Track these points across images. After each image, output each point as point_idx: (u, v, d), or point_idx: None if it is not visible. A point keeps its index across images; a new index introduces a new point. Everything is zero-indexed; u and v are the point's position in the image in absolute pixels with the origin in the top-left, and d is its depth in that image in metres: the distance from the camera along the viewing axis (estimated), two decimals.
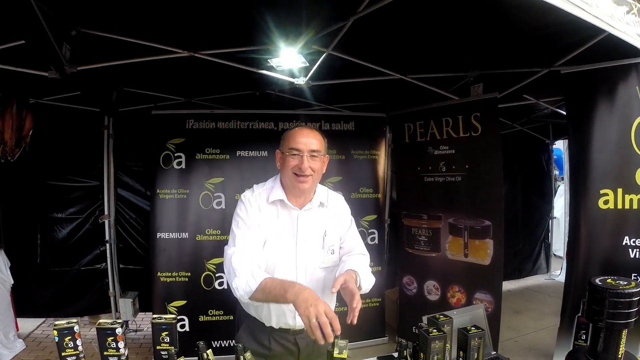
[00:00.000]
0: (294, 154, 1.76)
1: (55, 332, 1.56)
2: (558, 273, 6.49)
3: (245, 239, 1.76)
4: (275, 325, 1.86)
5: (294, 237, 1.83)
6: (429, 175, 4.00)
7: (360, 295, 1.65)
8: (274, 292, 1.59)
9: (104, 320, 1.64)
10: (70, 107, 4.36)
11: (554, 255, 6.66)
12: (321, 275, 1.87)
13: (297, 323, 1.83)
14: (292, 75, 3.47)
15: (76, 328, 1.58)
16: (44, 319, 4.90)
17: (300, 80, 3.46)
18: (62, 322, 1.58)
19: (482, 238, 3.62)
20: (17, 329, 4.36)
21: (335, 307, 1.96)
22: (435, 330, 1.56)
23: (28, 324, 4.71)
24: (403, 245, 4.28)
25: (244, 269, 1.67)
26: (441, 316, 1.65)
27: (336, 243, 1.94)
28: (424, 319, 1.67)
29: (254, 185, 1.91)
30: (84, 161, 4.68)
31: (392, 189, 4.86)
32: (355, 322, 1.57)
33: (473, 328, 1.56)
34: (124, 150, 4.69)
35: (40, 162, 4.52)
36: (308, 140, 1.77)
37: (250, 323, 1.93)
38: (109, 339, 1.60)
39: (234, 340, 2.01)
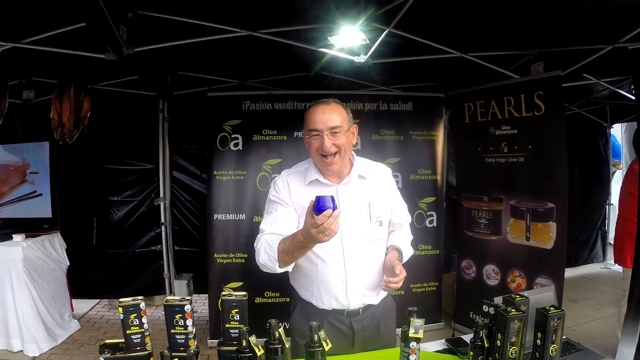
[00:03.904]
0: (314, 135, 1.73)
1: (121, 310, 1.50)
2: (614, 262, 6.24)
3: (266, 222, 1.81)
4: (327, 307, 1.81)
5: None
6: (490, 156, 3.87)
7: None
8: (291, 246, 1.60)
9: (172, 298, 1.56)
10: (126, 92, 4.42)
11: (610, 244, 6.39)
12: (369, 248, 1.81)
13: (350, 302, 1.79)
14: (352, 54, 3.40)
15: (142, 305, 1.51)
16: (98, 300, 5.03)
17: (361, 58, 3.38)
18: (127, 300, 1.52)
19: (545, 221, 3.49)
20: (72, 310, 4.47)
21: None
22: (514, 310, 1.47)
23: (82, 305, 4.83)
24: (462, 228, 4.17)
25: (262, 246, 1.70)
26: (517, 296, 1.56)
27: (384, 214, 1.86)
28: (496, 299, 1.60)
29: (283, 171, 1.94)
30: (139, 145, 4.77)
31: (447, 172, 4.75)
32: (385, 288, 1.72)
33: (552, 308, 1.45)
34: (179, 134, 4.74)
35: (97, 146, 4.63)
36: (325, 118, 1.70)
37: (304, 305, 1.90)
38: (177, 316, 1.52)
39: (288, 323, 1.99)
